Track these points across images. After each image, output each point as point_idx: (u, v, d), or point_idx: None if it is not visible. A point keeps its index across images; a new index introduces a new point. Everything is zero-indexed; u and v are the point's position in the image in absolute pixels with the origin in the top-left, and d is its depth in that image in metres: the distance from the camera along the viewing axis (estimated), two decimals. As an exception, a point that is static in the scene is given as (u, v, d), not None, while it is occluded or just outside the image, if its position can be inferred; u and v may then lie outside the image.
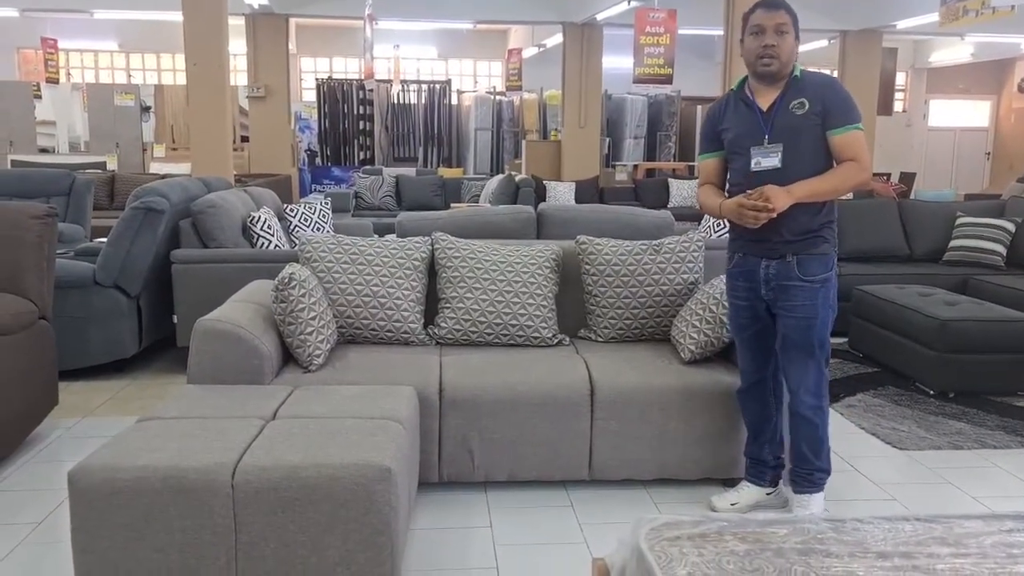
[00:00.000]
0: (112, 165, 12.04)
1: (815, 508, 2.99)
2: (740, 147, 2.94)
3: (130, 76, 16.40)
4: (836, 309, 2.93)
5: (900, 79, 16.39)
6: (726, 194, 3.05)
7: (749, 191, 2.82)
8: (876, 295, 5.18)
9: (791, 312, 2.88)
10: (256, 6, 10.83)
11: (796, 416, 2.97)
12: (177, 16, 7.31)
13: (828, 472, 3.03)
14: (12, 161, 11.46)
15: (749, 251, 2.97)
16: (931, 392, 4.60)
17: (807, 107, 2.82)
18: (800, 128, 2.83)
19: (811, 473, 3.00)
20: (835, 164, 2.85)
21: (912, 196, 10.84)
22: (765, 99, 2.90)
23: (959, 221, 6.26)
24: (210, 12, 7.15)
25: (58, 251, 4.14)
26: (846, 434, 3.96)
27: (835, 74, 14.52)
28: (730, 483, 3.29)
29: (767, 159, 2.87)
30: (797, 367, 2.92)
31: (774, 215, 2.75)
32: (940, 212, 6.46)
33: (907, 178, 12.22)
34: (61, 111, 13.25)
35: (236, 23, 10.15)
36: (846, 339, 5.50)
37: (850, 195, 7.04)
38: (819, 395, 2.93)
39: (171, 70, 16.49)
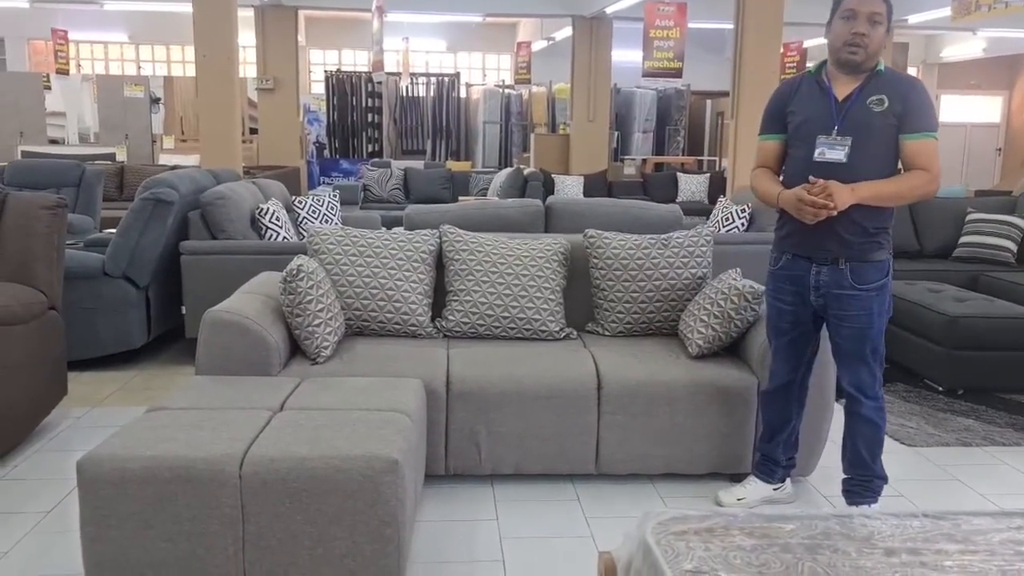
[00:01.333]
0: (121, 156, 12.06)
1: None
2: (806, 134, 2.78)
3: (140, 68, 16.43)
4: (891, 311, 2.85)
5: (911, 74, 16.29)
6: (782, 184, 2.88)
7: (811, 182, 2.67)
8: (885, 291, 5.15)
9: (844, 321, 2.79)
10: (266, -2, 10.83)
11: (856, 417, 2.87)
12: (187, 7, 7.31)
13: (886, 480, 2.94)
14: (22, 152, 11.49)
15: (799, 252, 2.85)
16: (940, 389, 4.58)
17: (886, 105, 2.69)
18: (874, 125, 2.70)
19: (870, 480, 2.90)
20: (903, 170, 2.73)
21: (922, 192, 10.76)
22: (842, 88, 2.76)
23: (969, 217, 6.22)
24: (220, 4, 7.14)
25: (68, 242, 4.15)
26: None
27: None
28: (737, 478, 3.28)
29: (832, 151, 2.72)
30: (851, 372, 2.85)
31: (834, 213, 2.63)
32: (950, 208, 6.43)
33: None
34: (71, 102, 13.28)
35: (245, 15, 10.15)
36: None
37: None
38: (877, 397, 2.85)
39: (180, 62, 16.51)
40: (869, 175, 2.69)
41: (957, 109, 17.39)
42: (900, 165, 2.77)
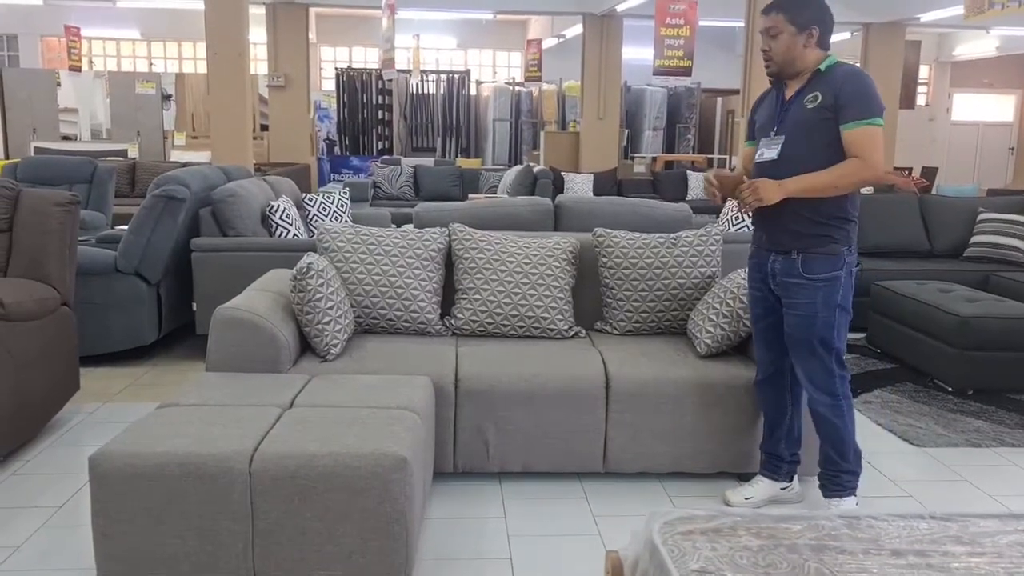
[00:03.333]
0: (133, 153, 12.12)
1: (844, 511, 2.91)
2: (759, 138, 2.99)
3: (151, 64, 16.51)
4: (848, 310, 2.87)
5: (923, 72, 16.22)
6: None
7: (744, 182, 2.84)
8: (895, 291, 5.15)
9: (792, 309, 2.88)
10: (277, -5, 10.86)
11: (813, 413, 2.96)
12: (199, 5, 7.34)
13: (855, 474, 2.97)
14: (35, 148, 11.57)
15: (761, 244, 3.00)
16: (949, 389, 4.57)
17: (819, 100, 2.78)
18: (809, 122, 2.80)
19: (837, 475, 2.96)
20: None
21: (934, 191, 10.74)
22: (790, 92, 2.91)
23: (981, 217, 6.19)
24: (231, 1, 7.18)
25: (80, 238, 4.18)
26: (863, 430, 3.93)
27: (857, 65, 14.35)
28: (745, 477, 3.28)
29: (769, 151, 2.89)
30: (802, 363, 2.91)
31: (761, 203, 2.74)
32: (962, 207, 6.40)
33: (929, 173, 12.10)
34: (83, 99, 13.35)
35: (257, 12, 10.19)
36: (864, 335, 5.47)
37: (870, 189, 6.98)
38: (831, 393, 2.88)
39: (192, 59, 16.58)
40: (806, 170, 2.77)
41: (970, 108, 17.30)
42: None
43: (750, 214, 2.97)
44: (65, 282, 3.73)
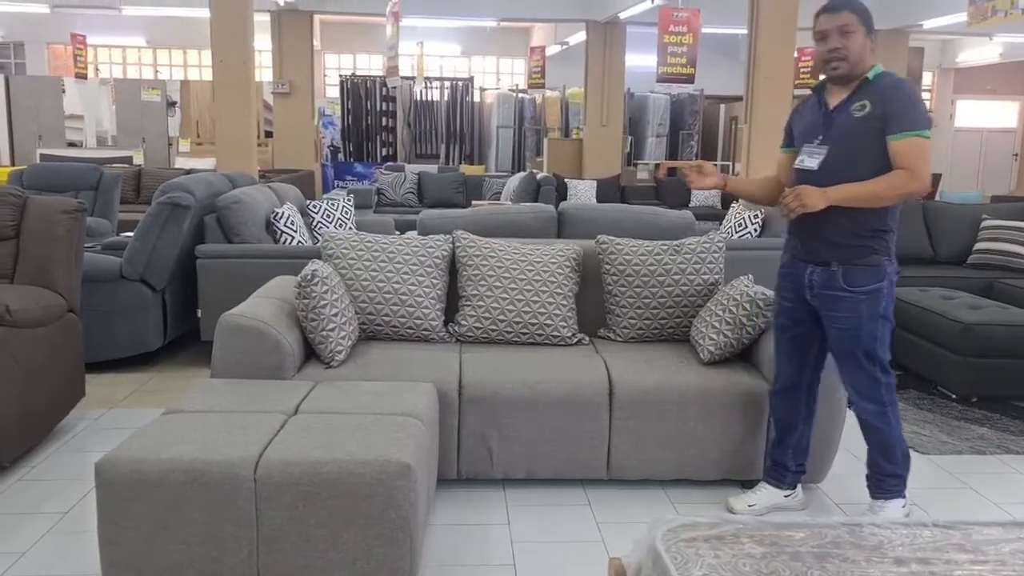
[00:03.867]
0: (138, 160, 12.17)
1: (888, 515, 2.90)
2: (800, 145, 2.94)
3: (157, 71, 16.57)
4: (890, 319, 2.86)
5: (927, 79, 16.22)
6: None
7: (788, 188, 2.81)
8: (898, 297, 5.12)
9: (834, 322, 2.86)
10: (282, 3, 10.91)
11: (859, 420, 2.95)
12: (204, 12, 7.38)
13: (901, 478, 2.96)
14: (41, 155, 11.62)
15: (797, 254, 2.95)
16: (954, 396, 4.57)
17: (867, 109, 2.75)
18: (858, 131, 2.77)
19: (882, 479, 2.96)
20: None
21: (937, 197, 10.73)
22: (835, 99, 2.86)
23: (985, 223, 6.19)
24: (237, 9, 7.21)
25: (86, 245, 4.20)
26: (866, 437, 3.94)
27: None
28: (748, 484, 3.28)
29: (810, 159, 2.84)
30: (848, 373, 2.91)
31: (805, 210, 2.71)
32: (965, 214, 6.39)
33: (932, 179, 12.08)
34: (89, 106, 13.41)
35: (262, 19, 10.22)
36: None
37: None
38: (877, 401, 2.87)
39: (197, 66, 16.64)
40: (849, 180, 2.74)
41: (973, 114, 17.28)
42: None
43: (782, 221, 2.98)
44: (71, 289, 3.75)
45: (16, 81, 13.37)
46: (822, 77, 2.95)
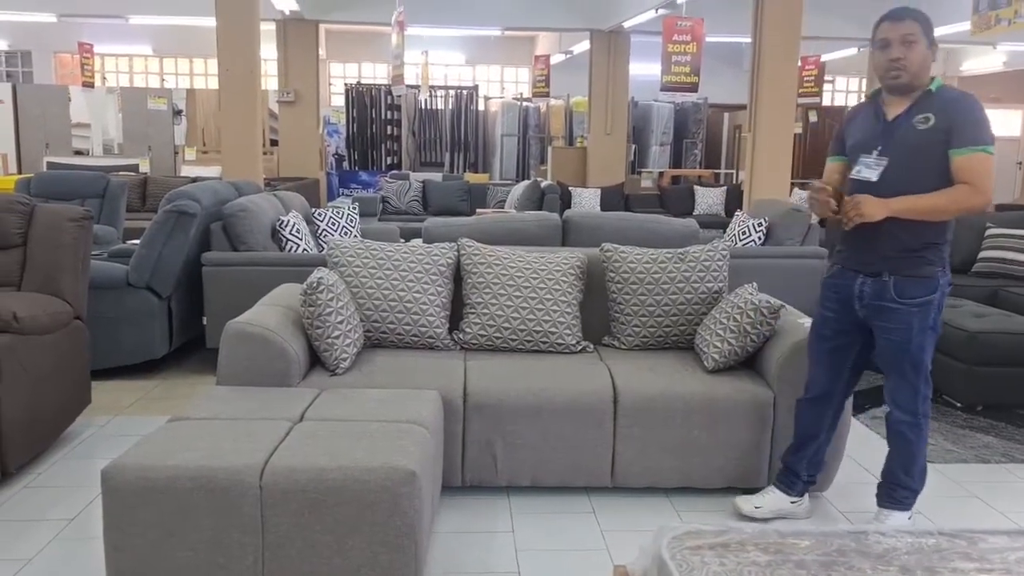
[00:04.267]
0: (145, 168, 12.22)
1: (893, 524, 2.89)
2: (854, 155, 2.89)
3: (163, 80, 16.65)
4: (938, 329, 2.84)
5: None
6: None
7: (847, 197, 2.78)
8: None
9: (884, 333, 2.84)
10: (287, 12, 10.96)
11: (890, 429, 2.94)
12: (210, 21, 7.42)
13: (914, 492, 2.96)
14: (48, 163, 11.67)
15: (847, 264, 2.92)
16: (959, 405, 4.56)
17: (931, 122, 2.71)
18: (920, 144, 2.73)
19: (895, 489, 2.95)
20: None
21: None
22: (894, 109, 2.82)
23: (989, 232, 6.19)
24: (243, 18, 7.26)
25: (92, 252, 4.22)
26: (871, 446, 3.94)
27: (864, 83, 14.39)
28: (753, 492, 3.27)
29: (867, 170, 2.80)
30: (891, 381, 2.90)
31: (863, 220, 2.69)
32: (970, 222, 6.38)
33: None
34: (96, 114, 13.48)
35: (268, 29, 10.28)
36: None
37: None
38: (913, 412, 2.86)
39: (203, 74, 16.71)
40: (906, 193, 2.71)
41: (978, 123, 17.22)
42: None
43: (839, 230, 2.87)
44: (78, 296, 3.77)
45: (23, 90, 13.44)
46: (877, 85, 2.92)
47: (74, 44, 13.00)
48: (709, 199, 10.95)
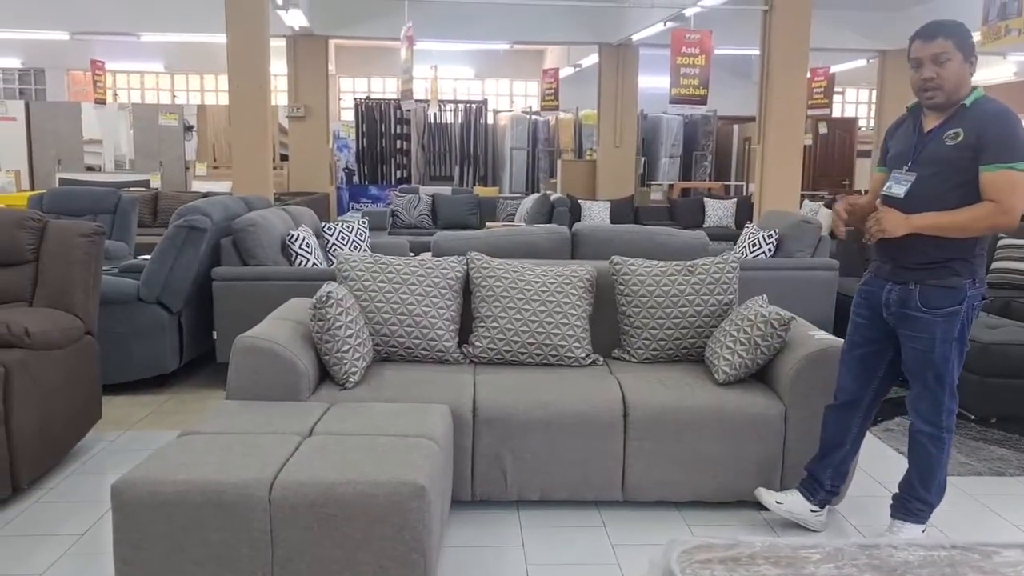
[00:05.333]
0: (156, 183, 12.31)
1: (905, 538, 2.83)
2: (892, 167, 2.90)
3: (174, 96, 16.78)
4: (966, 342, 2.82)
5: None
6: None
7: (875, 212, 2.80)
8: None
9: (908, 341, 2.84)
10: (297, 28, 11.03)
11: (912, 441, 2.93)
12: (221, 38, 7.47)
13: (930, 506, 2.94)
14: (60, 179, 11.77)
15: (879, 272, 2.95)
16: (972, 417, 4.52)
17: (960, 138, 2.69)
18: (947, 159, 2.71)
19: (910, 501, 2.93)
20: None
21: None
22: (930, 123, 2.81)
23: (1001, 243, 6.15)
24: (253, 34, 7.31)
25: (104, 268, 4.24)
26: (884, 458, 3.91)
27: (874, 94, 14.37)
28: (764, 506, 3.25)
29: (897, 185, 2.80)
30: (914, 391, 2.89)
31: (885, 235, 2.72)
32: (982, 233, 6.35)
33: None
34: (108, 130, 13.59)
35: (277, 44, 10.34)
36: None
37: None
38: (935, 424, 2.84)
39: (214, 90, 16.84)
40: (932, 209, 2.70)
41: (988, 133, 17.18)
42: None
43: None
44: (89, 312, 3.79)
45: (36, 107, 13.57)
46: (894, 96, 2.94)
47: (86, 61, 13.13)
48: (719, 211, 10.94)
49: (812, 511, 3.14)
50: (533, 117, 15.21)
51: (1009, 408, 4.45)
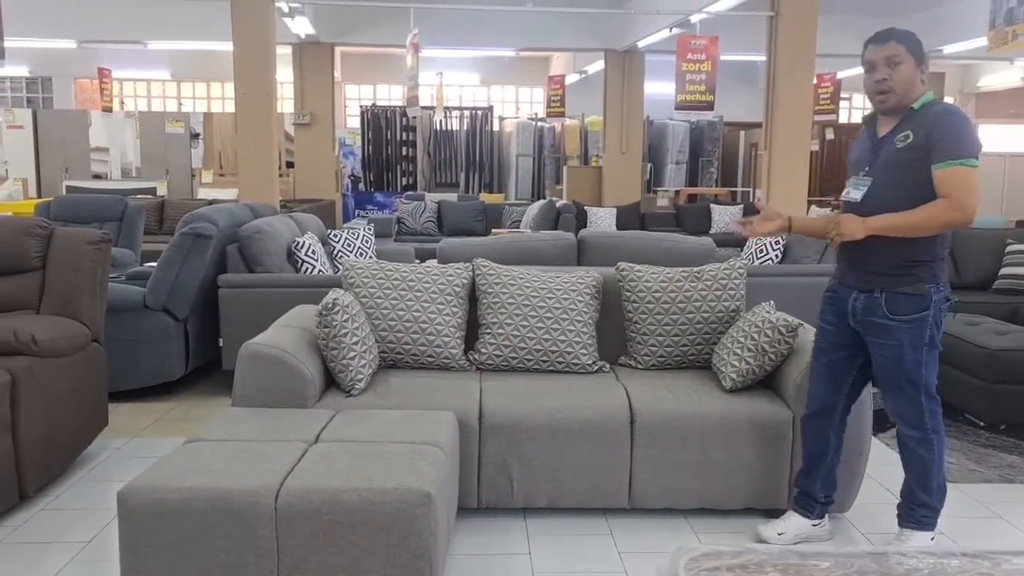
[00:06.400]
0: (162, 191, 12.34)
1: (914, 545, 2.85)
2: (851, 173, 2.96)
3: (180, 104, 16.84)
4: (938, 345, 2.82)
5: (947, 103, 16.14)
6: None
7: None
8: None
9: (877, 349, 2.85)
10: (303, 36, 11.08)
11: (901, 447, 2.93)
12: (227, 46, 7.51)
13: (934, 510, 2.92)
14: (67, 187, 11.81)
15: (843, 279, 2.96)
16: (981, 424, 4.49)
17: (910, 140, 2.74)
18: (898, 162, 2.76)
19: (913, 508, 2.92)
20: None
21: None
22: (883, 129, 2.86)
23: (1009, 248, 6.13)
24: (259, 42, 7.34)
25: (110, 275, 4.25)
26: (892, 465, 3.87)
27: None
28: (772, 513, 3.24)
29: (855, 190, 2.86)
30: (891, 400, 2.89)
31: (845, 239, 2.75)
32: (989, 239, 6.33)
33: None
34: (114, 138, 13.65)
35: (284, 52, 10.38)
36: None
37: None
38: (919, 427, 2.85)
39: (220, 98, 16.90)
40: (889, 211, 2.74)
41: (995, 139, 17.15)
42: None
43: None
44: (96, 319, 3.79)
45: (44, 115, 13.65)
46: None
47: (93, 69, 13.19)
48: (726, 218, 10.93)
49: (814, 525, 3.12)
50: (539, 124, 15.23)
51: (1018, 415, 4.42)
